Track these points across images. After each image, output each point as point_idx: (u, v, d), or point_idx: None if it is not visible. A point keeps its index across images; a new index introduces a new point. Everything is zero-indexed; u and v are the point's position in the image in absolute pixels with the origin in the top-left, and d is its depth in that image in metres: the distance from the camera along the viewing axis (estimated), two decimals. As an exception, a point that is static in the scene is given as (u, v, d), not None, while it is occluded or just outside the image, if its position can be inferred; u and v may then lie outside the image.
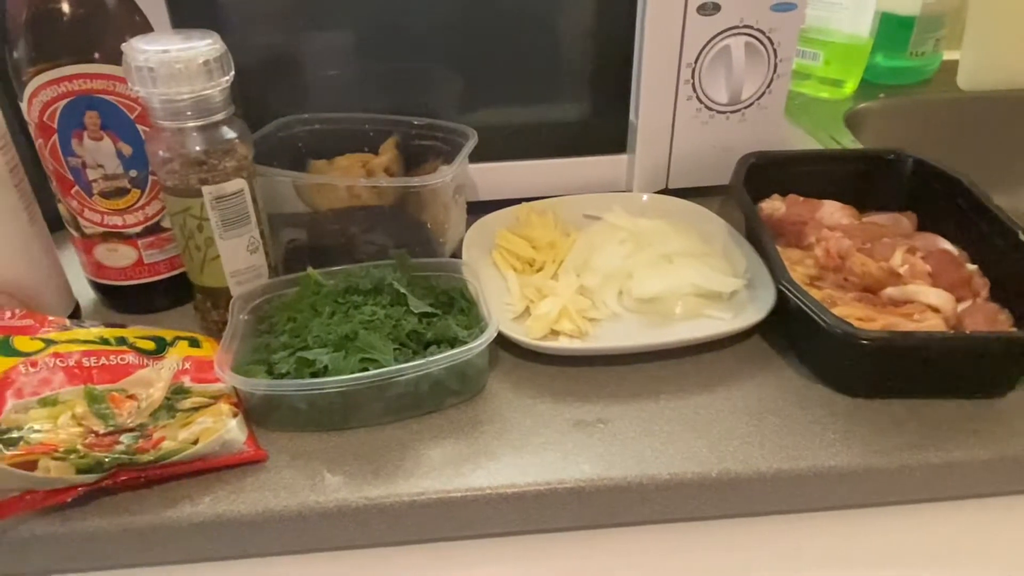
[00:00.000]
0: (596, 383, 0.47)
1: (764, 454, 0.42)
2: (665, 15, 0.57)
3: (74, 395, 0.40)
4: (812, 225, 0.55)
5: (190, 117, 0.44)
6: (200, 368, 0.45)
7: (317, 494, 0.40)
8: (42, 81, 0.45)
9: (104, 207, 0.50)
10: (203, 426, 0.41)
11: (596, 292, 0.52)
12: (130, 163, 0.49)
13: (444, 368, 0.44)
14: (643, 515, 0.42)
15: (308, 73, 0.59)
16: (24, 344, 0.43)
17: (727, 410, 0.45)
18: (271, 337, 0.47)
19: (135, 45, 0.43)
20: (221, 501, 0.40)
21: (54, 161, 0.48)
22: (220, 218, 0.46)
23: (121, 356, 0.44)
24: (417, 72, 0.59)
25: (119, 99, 0.47)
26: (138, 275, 0.52)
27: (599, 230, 0.57)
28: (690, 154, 0.63)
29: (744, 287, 0.52)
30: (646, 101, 0.60)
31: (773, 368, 0.48)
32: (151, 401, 0.41)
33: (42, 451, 0.37)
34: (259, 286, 0.50)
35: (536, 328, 0.49)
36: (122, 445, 0.39)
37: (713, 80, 0.60)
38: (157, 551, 0.40)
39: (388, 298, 0.48)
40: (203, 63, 0.43)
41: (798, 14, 0.59)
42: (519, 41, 0.58)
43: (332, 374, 0.42)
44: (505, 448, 0.43)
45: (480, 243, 0.57)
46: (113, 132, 0.47)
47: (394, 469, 0.42)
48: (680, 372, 0.48)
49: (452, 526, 0.41)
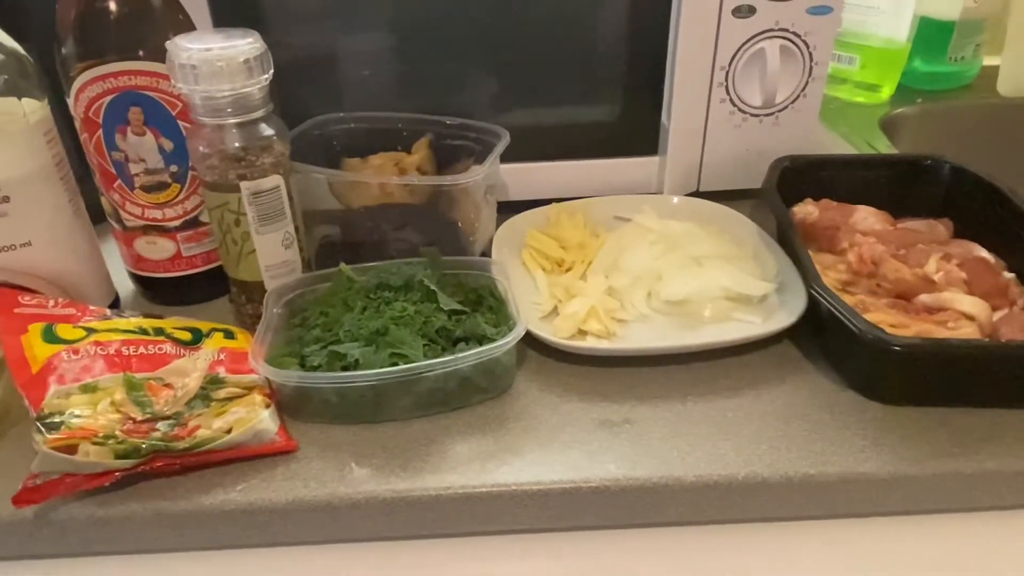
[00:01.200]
0: (623, 384, 0.47)
1: (792, 459, 0.42)
2: (699, 17, 0.57)
3: (113, 382, 0.42)
4: (845, 230, 0.55)
5: (230, 114, 0.45)
6: (235, 359, 0.46)
7: (346, 485, 0.41)
8: (89, 77, 0.47)
9: (145, 201, 0.51)
10: (237, 416, 0.42)
11: (625, 293, 0.52)
12: (171, 158, 0.50)
13: (472, 365, 0.44)
14: (668, 516, 0.42)
15: (344, 72, 0.60)
16: (67, 332, 0.44)
17: (755, 414, 0.45)
18: (304, 331, 0.47)
19: (179, 43, 0.44)
20: (253, 489, 0.40)
21: (98, 155, 0.50)
22: (257, 213, 0.47)
23: (159, 346, 0.45)
24: (451, 73, 0.60)
25: (162, 95, 0.48)
26: (176, 268, 0.54)
27: (629, 231, 0.57)
28: (722, 157, 0.63)
29: (775, 291, 0.52)
30: (678, 103, 0.60)
31: (803, 373, 0.48)
32: (187, 390, 0.42)
33: (82, 436, 0.39)
34: (293, 280, 0.51)
35: (564, 327, 0.49)
36: (158, 432, 0.40)
37: (747, 83, 0.60)
38: (190, 536, 0.41)
39: (418, 295, 0.48)
40: (244, 61, 0.44)
41: (834, 17, 0.59)
42: (552, 42, 0.59)
43: (363, 368, 0.43)
44: (531, 445, 0.43)
45: (510, 242, 0.57)
46: (155, 128, 0.49)
47: (421, 463, 0.42)
48: (708, 375, 0.48)
49: (477, 521, 0.42)
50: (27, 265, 0.48)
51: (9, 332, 0.43)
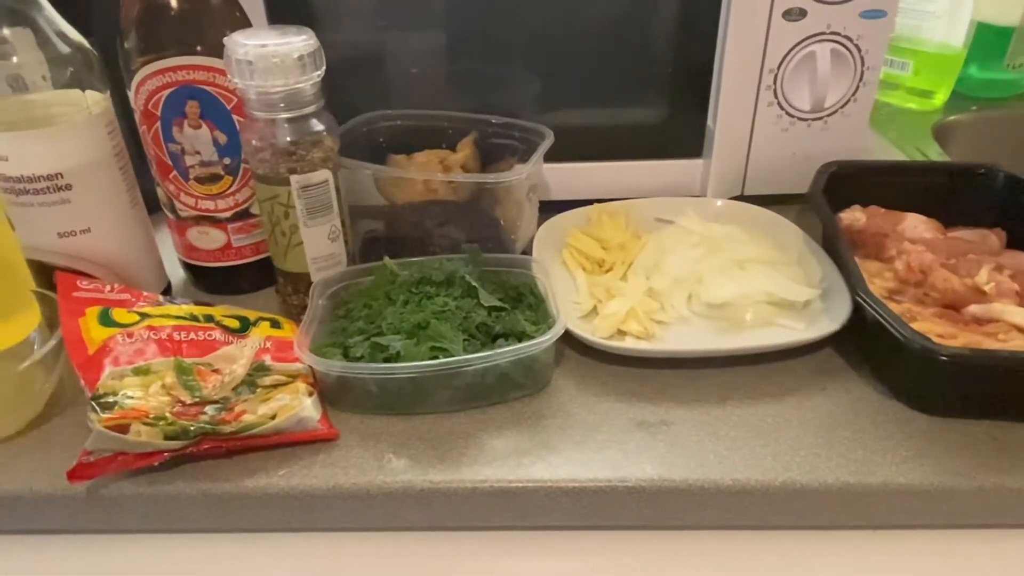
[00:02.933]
0: (661, 385, 0.47)
1: (832, 467, 0.41)
2: (749, 20, 0.57)
3: (165, 366, 0.43)
4: (893, 238, 0.54)
5: (282, 109, 0.46)
6: (280, 348, 0.47)
7: (384, 474, 0.41)
8: (149, 71, 0.48)
9: (199, 192, 0.53)
10: (281, 403, 0.43)
11: (665, 295, 0.52)
12: (225, 151, 0.51)
13: (511, 361, 0.44)
14: (703, 519, 0.42)
15: (392, 70, 0.61)
16: (122, 316, 0.46)
17: (795, 420, 0.44)
18: (347, 322, 0.48)
19: (236, 39, 0.45)
20: (294, 475, 0.41)
21: (155, 147, 0.51)
22: (305, 206, 0.49)
23: (208, 332, 0.46)
24: (498, 72, 0.60)
25: (218, 90, 0.49)
26: (226, 258, 0.55)
27: (671, 233, 0.57)
28: (768, 161, 0.62)
29: (819, 297, 0.51)
30: (725, 106, 0.59)
31: (845, 381, 0.47)
32: (234, 376, 0.44)
33: (134, 416, 0.40)
34: (338, 273, 0.52)
35: (603, 327, 0.49)
36: (206, 415, 0.41)
37: (796, 87, 0.59)
38: (233, 518, 0.42)
39: (460, 290, 0.49)
40: (298, 58, 0.45)
41: (887, 21, 0.58)
42: (600, 43, 0.59)
43: (404, 360, 0.44)
44: (567, 443, 0.43)
45: (551, 242, 0.57)
46: (211, 121, 0.50)
47: (458, 456, 0.43)
48: (748, 380, 0.48)
49: (511, 515, 0.42)
50: (86, 251, 0.50)
51: (68, 314, 0.45)
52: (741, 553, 0.45)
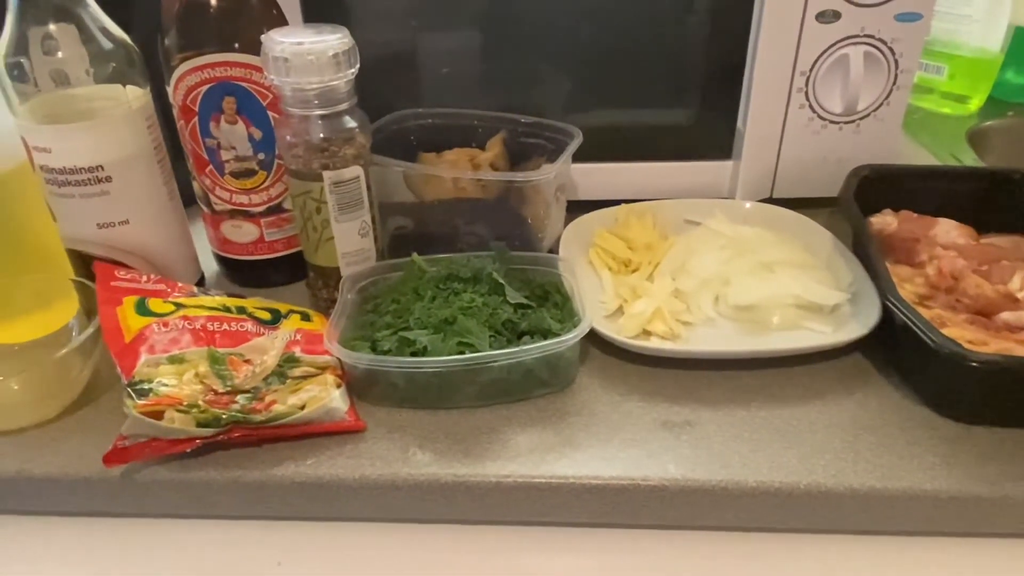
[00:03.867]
0: (685, 386, 0.47)
1: (857, 471, 0.41)
2: (782, 22, 0.56)
3: (198, 355, 0.44)
4: (925, 243, 0.53)
5: (316, 106, 0.47)
6: (310, 340, 0.47)
7: (409, 467, 0.42)
8: (188, 67, 0.49)
9: (233, 186, 0.54)
10: (310, 394, 0.44)
11: (691, 296, 0.52)
12: (259, 146, 0.52)
13: (536, 358, 0.45)
14: (726, 520, 0.42)
15: (424, 70, 0.62)
16: (157, 306, 0.47)
17: (821, 424, 0.44)
18: (375, 316, 0.49)
19: (273, 37, 0.46)
20: (322, 464, 0.42)
21: (193, 141, 0.52)
22: (337, 202, 0.49)
23: (241, 324, 0.47)
24: (528, 72, 0.61)
25: (254, 86, 0.50)
26: (258, 251, 0.56)
27: (699, 235, 0.57)
28: (798, 163, 0.62)
29: (847, 302, 0.51)
30: (756, 108, 0.59)
31: (873, 386, 0.47)
32: (265, 367, 0.44)
33: (168, 403, 0.41)
34: (367, 268, 0.52)
35: (629, 327, 0.49)
36: (237, 404, 0.42)
37: (828, 89, 0.59)
38: (261, 506, 0.43)
39: (486, 287, 0.50)
40: (332, 56, 0.46)
41: (923, 25, 0.57)
42: (630, 44, 0.59)
43: (430, 355, 0.44)
44: (591, 441, 0.44)
45: (577, 241, 0.58)
46: (246, 117, 0.51)
47: (482, 451, 0.43)
48: (773, 382, 0.47)
49: (534, 511, 0.42)
50: (124, 242, 0.51)
51: (106, 303, 0.46)
52: (763, 556, 0.45)
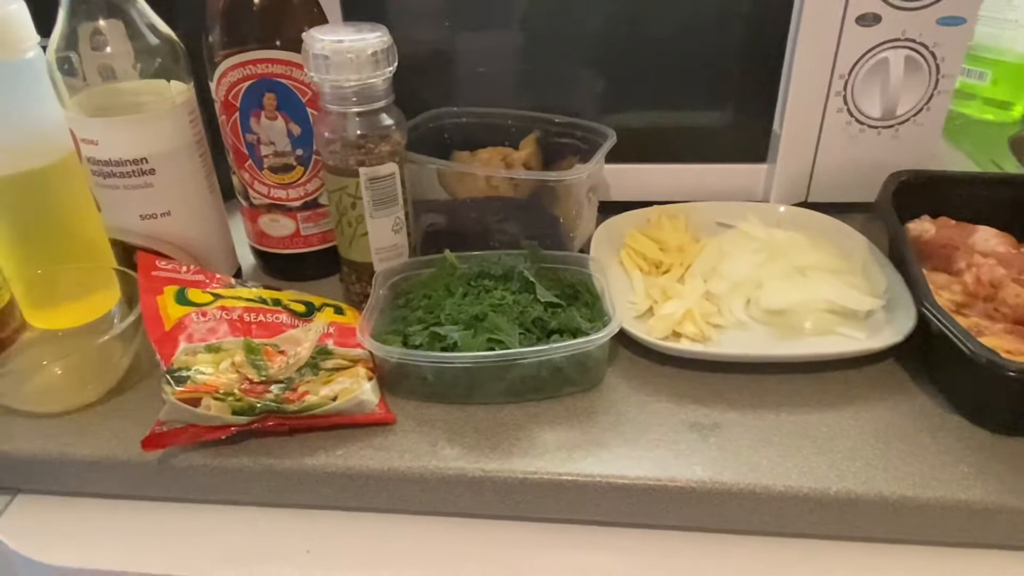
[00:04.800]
0: (715, 389, 0.47)
1: (888, 478, 0.40)
2: (821, 24, 0.56)
3: (235, 345, 0.45)
4: (963, 251, 0.52)
5: (354, 103, 0.48)
6: (343, 334, 0.48)
7: (438, 460, 0.42)
8: (231, 63, 0.51)
9: (272, 181, 0.55)
10: (342, 386, 0.44)
11: (723, 299, 0.52)
12: (298, 142, 0.53)
13: (565, 356, 0.45)
14: (752, 524, 0.42)
15: (460, 69, 0.62)
16: (196, 296, 0.48)
17: (852, 430, 0.44)
18: (407, 311, 0.50)
19: (314, 35, 0.47)
20: (352, 455, 0.43)
21: (233, 136, 0.54)
22: (372, 198, 0.50)
23: (276, 315, 0.48)
24: (564, 72, 0.61)
25: (294, 83, 0.51)
26: (294, 245, 0.57)
27: (731, 238, 0.57)
28: (835, 168, 0.61)
29: (882, 308, 0.50)
30: (792, 111, 0.59)
31: (906, 394, 0.46)
32: (298, 358, 0.45)
33: (205, 391, 0.42)
34: (399, 264, 0.53)
35: (659, 328, 0.49)
36: (271, 394, 0.43)
37: (867, 93, 0.58)
38: (292, 494, 0.44)
39: (517, 285, 0.50)
40: (371, 54, 0.46)
41: (966, 29, 0.56)
42: (666, 45, 0.59)
43: (460, 350, 0.45)
44: (618, 440, 0.44)
45: (608, 241, 0.58)
46: (286, 113, 0.52)
47: (510, 446, 0.43)
48: (804, 387, 0.47)
49: (560, 508, 0.43)
50: (165, 233, 0.53)
51: (147, 292, 0.47)
52: (789, 562, 0.45)
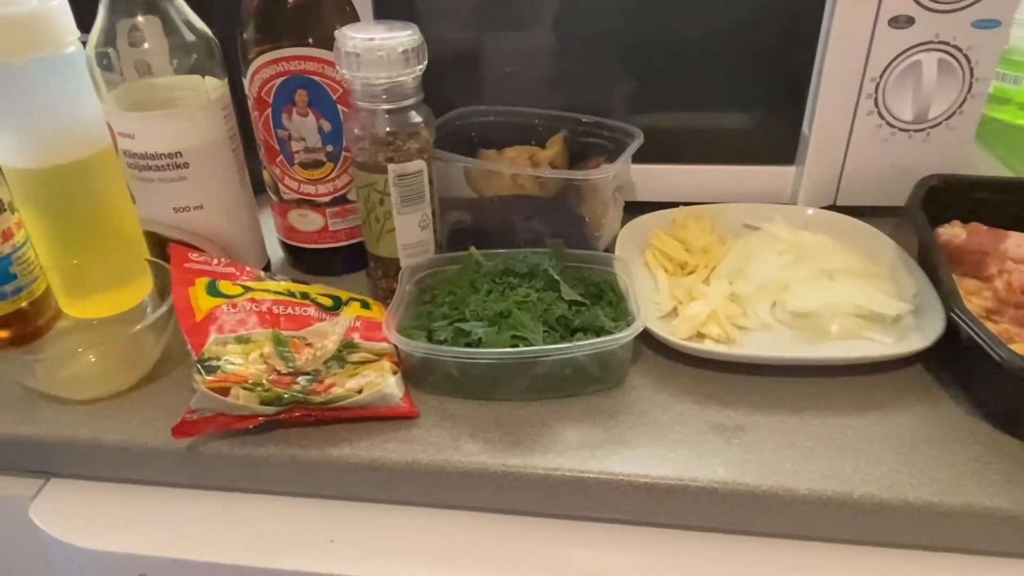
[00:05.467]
0: (738, 390, 0.47)
1: (914, 484, 0.40)
2: (853, 26, 0.55)
3: (263, 337, 0.46)
4: (995, 256, 0.52)
5: (384, 100, 0.49)
6: (368, 328, 0.49)
7: (460, 454, 0.43)
8: (264, 60, 0.51)
9: (301, 176, 0.56)
10: (367, 379, 0.45)
11: (748, 300, 0.52)
12: (328, 138, 0.54)
13: (588, 355, 0.45)
14: (774, 527, 0.42)
15: (488, 68, 0.62)
16: (227, 288, 0.49)
17: (877, 435, 0.43)
18: (432, 307, 0.50)
19: (346, 32, 0.47)
20: (376, 448, 0.43)
21: (265, 132, 0.55)
22: (400, 194, 0.51)
23: (304, 308, 0.49)
24: (592, 72, 0.61)
25: (325, 80, 0.52)
26: (322, 240, 0.58)
27: (758, 239, 0.56)
28: (864, 171, 0.60)
29: (910, 313, 0.50)
30: (822, 113, 0.58)
31: (933, 399, 0.46)
32: (325, 351, 0.46)
33: (235, 380, 0.43)
34: (425, 260, 0.54)
35: (683, 328, 0.49)
36: (298, 385, 0.44)
37: (898, 96, 0.57)
38: (316, 484, 0.45)
39: (542, 283, 0.50)
40: (402, 52, 0.47)
41: (1001, 32, 0.55)
42: (695, 46, 0.59)
43: (485, 346, 0.45)
44: (640, 439, 0.44)
45: (633, 241, 0.58)
46: (317, 110, 0.53)
47: (532, 443, 0.44)
48: (829, 391, 0.47)
49: (581, 505, 0.43)
50: (198, 225, 0.54)
51: (180, 283, 0.48)
52: (811, 566, 0.45)
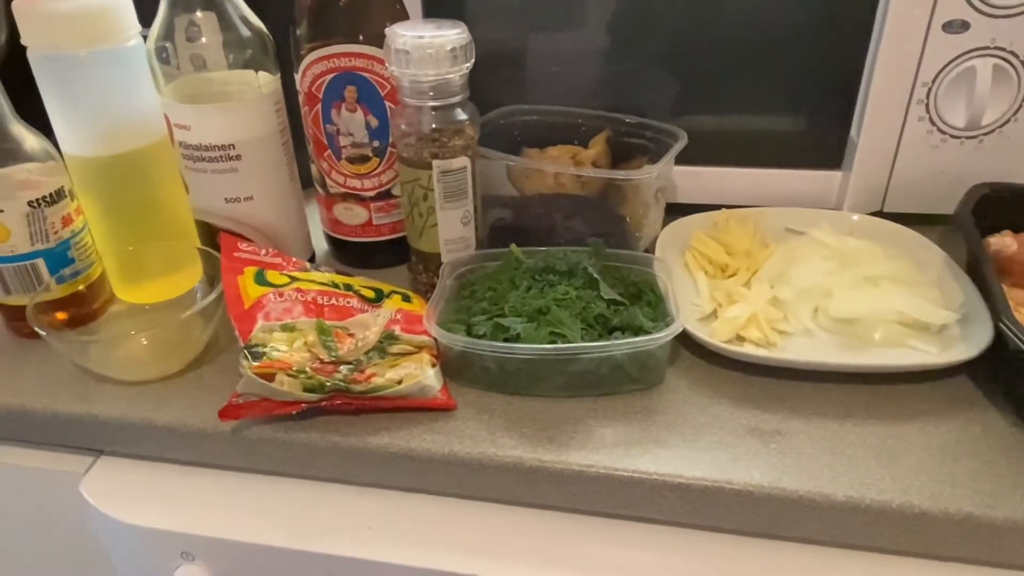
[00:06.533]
0: (777, 395, 0.47)
1: (955, 495, 0.39)
2: (905, 30, 0.55)
3: (308, 326, 0.47)
4: (1048, 267, 0.50)
5: (431, 97, 0.49)
6: (409, 321, 0.50)
7: (496, 448, 0.43)
8: (316, 56, 0.53)
9: (348, 171, 0.57)
10: (407, 370, 0.46)
11: (790, 305, 0.51)
12: (375, 134, 0.55)
13: (626, 354, 0.45)
14: (810, 533, 0.42)
15: (533, 67, 0.63)
16: (274, 277, 0.50)
17: (919, 445, 0.43)
18: (472, 302, 0.51)
19: (396, 30, 0.48)
20: (414, 438, 0.44)
21: (314, 127, 0.56)
22: (443, 190, 0.51)
23: (347, 300, 0.50)
24: (638, 73, 0.61)
25: (374, 77, 0.53)
26: (366, 234, 0.59)
27: (801, 244, 0.56)
28: (913, 178, 0.59)
29: (956, 323, 0.49)
30: (871, 118, 0.57)
31: (978, 411, 0.45)
32: (367, 342, 0.47)
33: (279, 367, 0.44)
34: (466, 256, 0.54)
35: (723, 331, 0.49)
36: (340, 374, 0.45)
37: (951, 102, 0.56)
38: (354, 471, 0.46)
39: (581, 281, 0.50)
40: (450, 50, 0.48)
41: (1062, 38, 0.54)
42: (743, 49, 0.58)
43: (523, 342, 0.46)
44: (676, 440, 0.44)
45: (674, 243, 0.57)
46: (365, 105, 0.54)
47: (567, 439, 0.44)
48: (871, 399, 0.46)
49: (614, 503, 0.43)
50: (247, 216, 0.55)
51: (229, 272, 0.50)
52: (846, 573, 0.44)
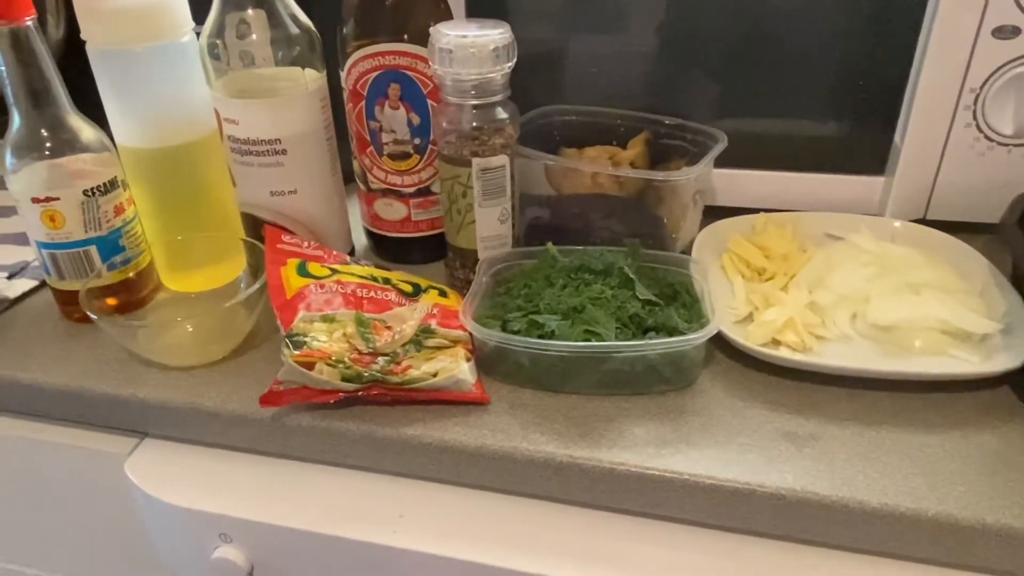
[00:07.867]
0: (812, 400, 0.47)
1: (992, 506, 0.39)
2: (953, 36, 0.54)
3: (347, 317, 0.48)
4: (1097, 279, 0.49)
5: (472, 96, 0.50)
6: (445, 315, 0.51)
7: (528, 443, 0.44)
8: (362, 54, 0.54)
9: (389, 167, 0.58)
10: (442, 364, 0.46)
11: (827, 310, 0.51)
12: (416, 131, 0.56)
13: (660, 354, 0.46)
14: (842, 539, 0.41)
15: (574, 68, 0.63)
16: (316, 269, 0.51)
17: (957, 455, 0.42)
18: (508, 299, 0.51)
19: (440, 29, 0.49)
20: (448, 430, 0.45)
21: (358, 123, 0.57)
22: (482, 188, 0.52)
23: (386, 293, 0.51)
24: (679, 75, 0.61)
25: (417, 75, 0.54)
26: (405, 229, 0.60)
27: (841, 249, 0.55)
28: (958, 185, 0.58)
29: (1000, 333, 0.48)
30: (916, 124, 0.57)
31: (1019, 423, 0.44)
32: (403, 335, 0.48)
33: (319, 356, 0.45)
34: (503, 253, 0.55)
35: (758, 334, 0.49)
36: (377, 365, 0.46)
37: (999, 109, 0.55)
38: (388, 460, 0.47)
39: (617, 281, 0.51)
40: (493, 49, 0.48)
41: (1118, 44, 0.53)
42: (786, 51, 0.58)
43: (557, 339, 0.46)
44: (708, 441, 0.44)
45: (711, 246, 0.57)
46: (408, 103, 0.55)
47: (599, 437, 0.44)
48: (909, 407, 0.46)
49: (644, 502, 0.43)
50: (291, 209, 0.56)
51: (273, 263, 0.51)
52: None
